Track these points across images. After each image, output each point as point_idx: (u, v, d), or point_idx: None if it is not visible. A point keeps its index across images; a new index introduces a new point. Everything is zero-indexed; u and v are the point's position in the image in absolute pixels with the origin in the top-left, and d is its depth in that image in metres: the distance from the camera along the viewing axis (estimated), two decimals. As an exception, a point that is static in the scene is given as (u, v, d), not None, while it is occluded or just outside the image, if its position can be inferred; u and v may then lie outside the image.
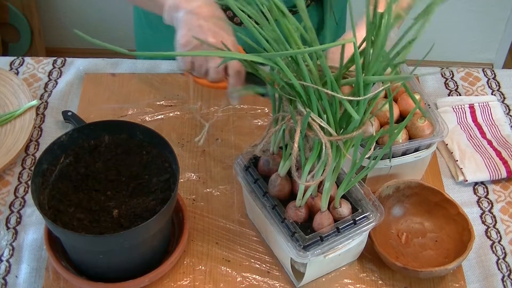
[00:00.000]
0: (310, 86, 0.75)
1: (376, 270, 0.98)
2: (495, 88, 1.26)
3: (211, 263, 0.98)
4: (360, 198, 0.91)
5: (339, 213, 0.88)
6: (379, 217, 0.89)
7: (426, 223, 1.02)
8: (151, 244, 0.92)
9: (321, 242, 0.86)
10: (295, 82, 0.75)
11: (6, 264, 0.97)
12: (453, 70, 1.29)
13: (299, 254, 0.85)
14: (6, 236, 0.99)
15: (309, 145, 0.81)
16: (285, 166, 0.89)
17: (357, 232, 0.88)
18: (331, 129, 0.77)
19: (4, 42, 2.28)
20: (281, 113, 0.84)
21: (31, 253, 0.98)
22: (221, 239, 1.00)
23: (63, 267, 0.92)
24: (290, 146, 0.87)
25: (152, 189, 0.93)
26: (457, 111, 1.19)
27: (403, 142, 0.99)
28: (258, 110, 1.18)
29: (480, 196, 1.09)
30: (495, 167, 1.10)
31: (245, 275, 0.96)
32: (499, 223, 1.05)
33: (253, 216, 1.01)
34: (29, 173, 1.08)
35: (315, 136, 0.77)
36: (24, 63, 1.26)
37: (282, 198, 0.91)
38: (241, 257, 0.98)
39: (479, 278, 0.98)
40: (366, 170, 0.88)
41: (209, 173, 1.09)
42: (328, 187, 0.85)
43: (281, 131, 0.87)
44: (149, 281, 0.92)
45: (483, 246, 1.02)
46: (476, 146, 1.14)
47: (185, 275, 0.96)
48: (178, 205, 0.98)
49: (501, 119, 1.19)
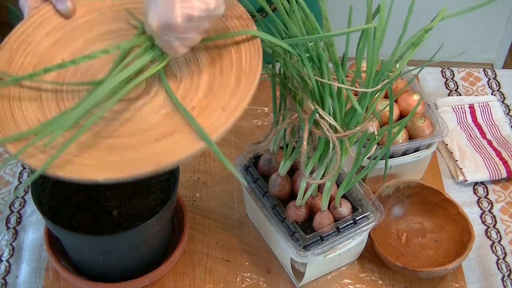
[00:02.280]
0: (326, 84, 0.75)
1: (376, 270, 0.98)
2: (495, 88, 1.26)
3: (211, 263, 0.98)
4: (360, 198, 0.91)
5: (339, 212, 0.88)
6: (379, 217, 0.89)
7: (426, 223, 1.02)
8: (151, 244, 0.92)
9: (321, 241, 0.86)
10: (311, 76, 0.75)
11: (6, 264, 0.97)
12: (453, 70, 1.29)
13: (299, 254, 0.85)
14: (6, 236, 0.99)
15: (313, 144, 0.81)
16: (286, 166, 0.89)
17: (357, 231, 0.88)
18: (338, 126, 0.77)
19: (4, 42, 2.29)
20: (283, 112, 0.83)
21: (31, 253, 0.98)
22: (221, 239, 1.00)
23: (63, 267, 0.92)
24: (291, 145, 0.87)
25: (152, 189, 0.93)
26: (457, 111, 1.19)
27: (403, 142, 0.99)
28: (258, 110, 1.18)
29: (480, 196, 1.09)
30: (495, 167, 1.10)
31: (245, 275, 0.96)
32: (499, 223, 1.05)
33: (253, 216, 1.01)
34: (29, 173, 1.08)
35: (323, 134, 0.77)
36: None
37: (282, 198, 0.91)
38: (241, 257, 0.98)
39: (479, 278, 0.98)
40: (366, 170, 0.88)
41: (209, 173, 1.09)
42: (328, 187, 0.85)
43: (282, 131, 0.87)
44: (149, 281, 0.92)
45: (483, 246, 1.02)
46: (476, 146, 1.14)
47: (185, 275, 0.96)
48: (178, 205, 0.98)
49: (501, 119, 1.19)
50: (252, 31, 0.76)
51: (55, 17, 0.84)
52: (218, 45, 0.79)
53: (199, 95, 0.74)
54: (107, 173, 0.66)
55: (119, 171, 0.66)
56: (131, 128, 0.72)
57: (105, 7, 0.86)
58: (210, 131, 0.69)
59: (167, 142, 0.69)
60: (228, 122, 0.70)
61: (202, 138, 0.68)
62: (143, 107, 0.74)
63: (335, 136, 0.77)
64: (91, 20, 0.85)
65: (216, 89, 0.74)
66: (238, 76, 0.75)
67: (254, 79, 0.73)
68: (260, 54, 0.76)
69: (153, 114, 0.73)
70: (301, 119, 0.77)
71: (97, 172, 0.66)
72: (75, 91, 0.76)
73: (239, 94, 0.72)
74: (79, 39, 0.82)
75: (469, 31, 2.38)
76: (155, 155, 0.68)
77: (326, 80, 0.74)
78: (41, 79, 0.76)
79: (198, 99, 0.74)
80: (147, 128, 0.71)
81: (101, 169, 0.66)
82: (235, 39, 0.78)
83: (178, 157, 0.67)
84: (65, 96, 0.76)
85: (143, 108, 0.74)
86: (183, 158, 0.67)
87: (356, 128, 0.78)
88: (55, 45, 0.81)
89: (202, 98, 0.74)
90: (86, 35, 0.83)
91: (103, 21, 0.84)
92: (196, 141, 0.68)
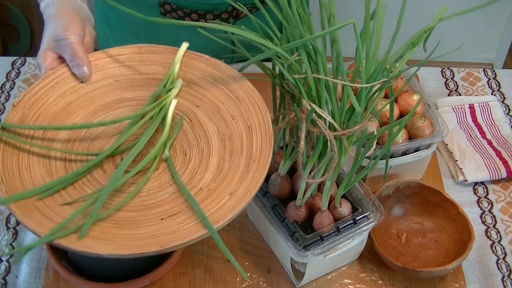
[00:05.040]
0: (322, 79, 0.75)
1: (376, 270, 0.98)
2: (495, 88, 1.26)
3: (211, 263, 0.98)
4: (360, 198, 0.91)
5: (339, 212, 0.88)
6: (379, 217, 0.89)
7: (426, 223, 1.02)
8: (151, 244, 0.92)
9: (321, 241, 0.86)
10: (309, 75, 0.75)
11: (6, 264, 0.97)
12: (453, 70, 1.29)
13: (299, 254, 0.85)
14: (6, 236, 0.99)
15: (312, 143, 0.81)
16: (285, 166, 0.89)
17: (357, 231, 0.88)
18: (336, 124, 0.77)
19: (4, 42, 2.28)
20: (282, 111, 0.83)
21: (31, 253, 0.98)
22: (221, 239, 1.00)
23: (63, 267, 0.92)
24: (290, 145, 0.87)
25: (152, 189, 0.92)
26: (457, 111, 1.19)
27: (403, 142, 0.99)
28: (258, 110, 1.18)
29: (480, 196, 1.09)
30: (495, 167, 1.10)
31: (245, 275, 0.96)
32: (499, 223, 1.05)
33: (253, 216, 1.01)
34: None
35: (320, 133, 0.77)
36: (26, 63, 1.26)
37: (282, 198, 0.91)
38: (241, 257, 0.98)
39: (479, 278, 0.98)
40: (366, 169, 0.88)
41: (209, 173, 1.09)
42: (328, 187, 0.85)
43: (282, 131, 0.87)
44: (149, 281, 0.92)
45: (483, 246, 1.02)
46: (476, 146, 1.14)
47: (185, 275, 0.96)
48: (178, 205, 0.98)
49: (501, 119, 1.19)
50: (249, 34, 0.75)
51: (71, 79, 0.84)
52: (230, 127, 0.78)
53: (207, 176, 0.73)
54: (111, 249, 0.66)
55: (123, 248, 0.66)
56: (138, 203, 0.72)
57: (121, 74, 0.85)
58: (217, 218, 0.69)
59: (172, 223, 0.69)
60: (234, 210, 0.69)
61: (205, 226, 0.68)
62: (151, 182, 0.74)
63: (332, 134, 0.77)
64: (106, 86, 0.84)
65: (225, 173, 0.74)
66: (248, 161, 0.74)
67: (264, 168, 0.73)
68: (271, 141, 0.75)
69: (161, 191, 0.73)
70: (298, 118, 0.77)
71: (102, 246, 0.66)
72: (84, 160, 0.77)
73: (248, 180, 0.72)
74: (92, 105, 0.82)
75: (469, 31, 2.38)
76: (159, 235, 0.68)
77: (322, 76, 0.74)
78: (49, 145, 0.77)
79: (206, 181, 0.73)
80: (154, 204, 0.71)
81: (106, 243, 0.67)
82: (248, 123, 0.78)
83: (181, 241, 0.67)
84: (74, 165, 0.76)
85: (151, 183, 0.74)
86: (187, 242, 0.67)
87: (354, 128, 0.78)
88: (68, 108, 0.81)
89: (210, 181, 0.73)
90: (100, 101, 0.83)
91: (118, 88, 0.84)
92: (201, 226, 0.68)
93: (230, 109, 0.80)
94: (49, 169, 0.75)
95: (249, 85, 0.82)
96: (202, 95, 0.83)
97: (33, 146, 0.76)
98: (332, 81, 0.75)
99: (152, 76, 0.85)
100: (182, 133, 0.79)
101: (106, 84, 0.85)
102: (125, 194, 0.72)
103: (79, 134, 0.80)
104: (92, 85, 0.84)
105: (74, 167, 0.76)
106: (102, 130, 0.80)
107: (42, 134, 0.78)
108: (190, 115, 0.81)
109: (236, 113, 0.80)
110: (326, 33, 0.72)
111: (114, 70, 0.85)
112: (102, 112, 0.82)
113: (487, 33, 2.40)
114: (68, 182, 0.73)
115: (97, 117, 0.81)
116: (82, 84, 0.84)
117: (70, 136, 0.79)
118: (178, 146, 0.78)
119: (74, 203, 0.71)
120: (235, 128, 0.78)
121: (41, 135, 0.78)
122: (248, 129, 0.78)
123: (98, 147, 0.79)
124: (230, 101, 0.81)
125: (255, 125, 0.78)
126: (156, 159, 0.76)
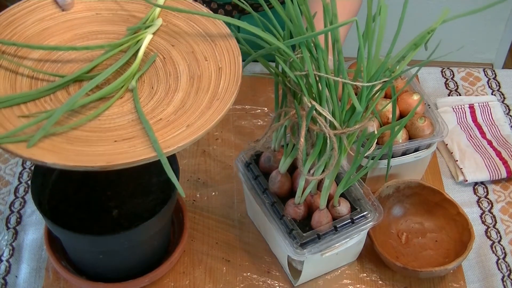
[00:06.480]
0: (323, 77, 0.75)
1: (376, 270, 0.98)
2: (495, 88, 1.26)
3: (211, 263, 0.98)
4: (360, 197, 0.91)
5: (337, 211, 0.88)
6: (377, 217, 0.89)
7: (426, 223, 1.02)
8: (151, 244, 0.92)
9: (319, 240, 0.86)
10: (310, 72, 0.75)
11: (6, 264, 0.97)
12: (453, 70, 1.29)
13: (295, 252, 0.85)
14: (6, 236, 0.99)
15: (312, 141, 0.81)
16: (286, 163, 0.89)
17: (354, 231, 0.88)
18: (336, 122, 0.77)
19: (4, 42, 2.29)
20: (284, 108, 0.84)
21: (31, 253, 0.98)
22: (221, 238, 1.00)
23: (63, 267, 0.92)
24: (291, 143, 0.87)
25: (152, 189, 0.93)
26: (457, 111, 1.19)
27: (403, 142, 0.99)
28: (258, 110, 1.18)
29: (480, 196, 1.09)
30: (495, 167, 1.10)
31: (245, 275, 0.96)
32: (499, 223, 1.05)
33: (253, 214, 1.01)
34: (29, 173, 1.08)
35: (320, 131, 0.77)
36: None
37: (281, 195, 0.91)
38: (241, 257, 0.98)
39: (479, 278, 0.98)
40: (365, 168, 0.88)
41: (209, 173, 1.09)
42: (327, 185, 0.85)
43: (283, 128, 0.87)
44: (149, 281, 0.92)
45: (483, 246, 1.02)
46: (476, 146, 1.14)
47: (185, 275, 0.96)
48: (178, 205, 0.98)
49: (501, 119, 1.19)
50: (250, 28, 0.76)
51: (51, 6, 0.85)
52: (201, 67, 0.80)
53: (169, 109, 0.75)
54: (57, 159, 0.67)
55: (69, 159, 0.67)
56: (95, 125, 0.73)
57: (104, 8, 0.86)
58: (169, 144, 0.70)
59: (124, 145, 0.70)
60: (187, 139, 0.71)
61: (155, 150, 0.69)
62: (113, 108, 0.75)
63: (332, 132, 0.77)
64: (86, 17, 0.85)
65: (187, 107, 0.76)
66: (212, 99, 0.76)
67: (225, 106, 0.75)
68: (238, 83, 0.77)
69: (120, 117, 0.74)
70: (298, 116, 0.77)
71: (48, 155, 0.67)
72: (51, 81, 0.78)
73: (207, 116, 0.74)
74: (69, 32, 0.84)
75: (469, 31, 2.38)
76: (108, 154, 0.69)
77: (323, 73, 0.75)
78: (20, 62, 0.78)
79: (167, 113, 0.75)
80: (111, 128, 0.73)
81: (53, 154, 0.67)
82: (219, 65, 0.79)
83: (128, 160, 0.68)
84: (40, 83, 0.77)
85: (113, 109, 0.75)
86: (134, 162, 0.68)
87: (355, 127, 0.78)
88: (44, 32, 0.82)
89: (171, 113, 0.75)
90: (77, 30, 0.84)
91: (98, 21, 0.85)
92: (151, 150, 0.69)
93: (205, 51, 0.82)
94: (14, 84, 0.76)
95: (227, 31, 0.84)
96: (179, 36, 0.84)
97: (2, 59, 0.77)
98: (333, 79, 0.75)
99: (134, 14, 0.87)
100: (153, 68, 0.80)
101: (87, 15, 0.85)
102: (83, 116, 0.73)
103: (51, 56, 0.80)
104: (72, 15, 0.85)
105: (40, 86, 0.76)
106: (75, 57, 0.81)
107: (14, 51, 0.79)
108: (164, 53, 0.83)
109: (209, 55, 0.81)
110: (328, 31, 0.72)
111: (97, 4, 0.87)
112: (78, 41, 0.83)
113: (487, 33, 2.40)
114: (29, 97, 0.74)
115: (72, 44, 0.82)
116: (62, 13, 0.85)
117: (41, 57, 0.80)
118: (146, 80, 0.79)
119: (31, 117, 0.72)
120: (205, 68, 0.80)
121: (12, 52, 0.79)
122: (219, 70, 0.79)
123: (68, 72, 0.79)
124: (205, 44, 0.83)
125: (225, 66, 0.80)
126: (123, 89, 0.77)
